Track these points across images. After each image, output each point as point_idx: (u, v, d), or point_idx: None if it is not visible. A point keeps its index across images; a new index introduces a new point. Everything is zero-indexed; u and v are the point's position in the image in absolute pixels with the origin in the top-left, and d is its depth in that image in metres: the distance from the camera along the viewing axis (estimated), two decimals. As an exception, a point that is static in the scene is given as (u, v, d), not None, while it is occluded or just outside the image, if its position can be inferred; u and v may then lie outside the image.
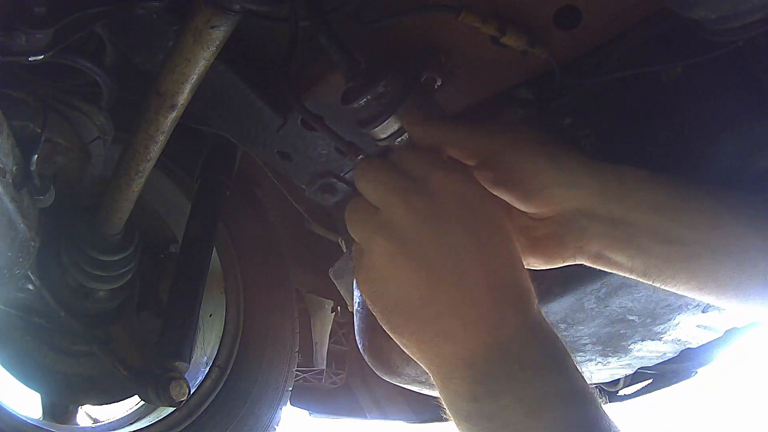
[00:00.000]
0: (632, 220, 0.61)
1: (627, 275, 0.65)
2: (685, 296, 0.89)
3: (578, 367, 0.53)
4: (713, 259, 0.60)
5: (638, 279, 0.64)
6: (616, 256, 0.63)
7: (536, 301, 0.56)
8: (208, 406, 1.35)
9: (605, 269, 0.66)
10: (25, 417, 1.18)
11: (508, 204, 0.65)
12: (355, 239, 0.61)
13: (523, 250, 0.67)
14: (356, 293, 1.19)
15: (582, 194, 0.62)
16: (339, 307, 2.02)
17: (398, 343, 0.58)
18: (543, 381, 0.51)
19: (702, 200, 0.61)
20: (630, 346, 1.06)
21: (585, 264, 0.66)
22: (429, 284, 0.54)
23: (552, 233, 0.65)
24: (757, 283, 0.60)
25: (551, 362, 0.52)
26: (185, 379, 1.19)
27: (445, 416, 0.58)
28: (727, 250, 0.60)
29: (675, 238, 0.60)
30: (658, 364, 1.16)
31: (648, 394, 1.49)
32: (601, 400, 0.52)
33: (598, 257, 0.64)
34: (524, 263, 0.64)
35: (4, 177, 0.79)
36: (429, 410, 1.76)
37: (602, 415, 0.51)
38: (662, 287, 0.64)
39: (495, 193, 0.64)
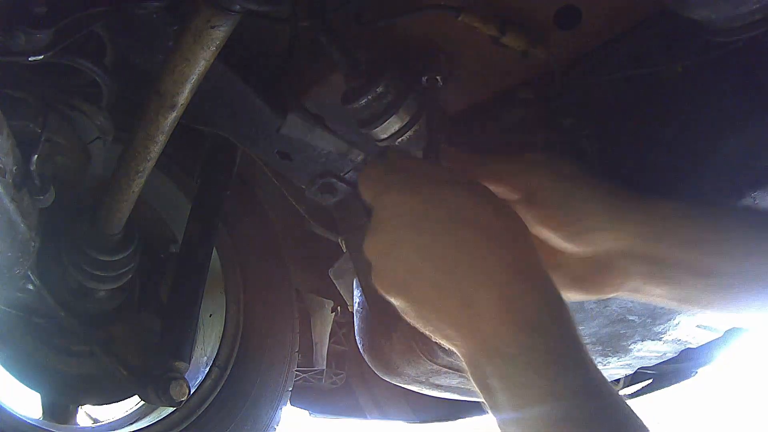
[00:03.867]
0: (671, 257, 0.62)
1: (665, 304, 0.67)
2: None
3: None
4: (746, 289, 0.62)
5: (675, 307, 0.66)
6: (655, 291, 0.65)
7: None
8: (208, 406, 1.35)
9: (642, 300, 0.67)
10: (25, 417, 1.18)
11: (542, 241, 0.66)
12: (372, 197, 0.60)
13: (562, 287, 0.66)
14: (356, 293, 1.19)
15: (623, 236, 0.63)
16: (339, 307, 2.02)
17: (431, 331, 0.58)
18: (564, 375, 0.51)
19: (734, 231, 0.63)
20: (630, 346, 1.06)
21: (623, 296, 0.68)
22: (456, 272, 0.54)
23: (592, 272, 0.66)
24: None
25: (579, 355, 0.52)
26: (185, 379, 1.19)
27: (445, 417, 0.58)
28: (759, 278, 0.61)
29: (709, 271, 0.62)
30: (658, 364, 1.17)
31: (648, 394, 1.49)
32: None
33: (637, 291, 0.66)
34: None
35: (4, 177, 0.79)
36: (429, 410, 1.76)
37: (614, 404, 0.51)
38: (699, 311, 0.66)
39: (535, 233, 0.65)
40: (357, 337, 1.16)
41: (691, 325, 1.00)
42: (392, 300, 0.59)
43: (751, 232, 0.62)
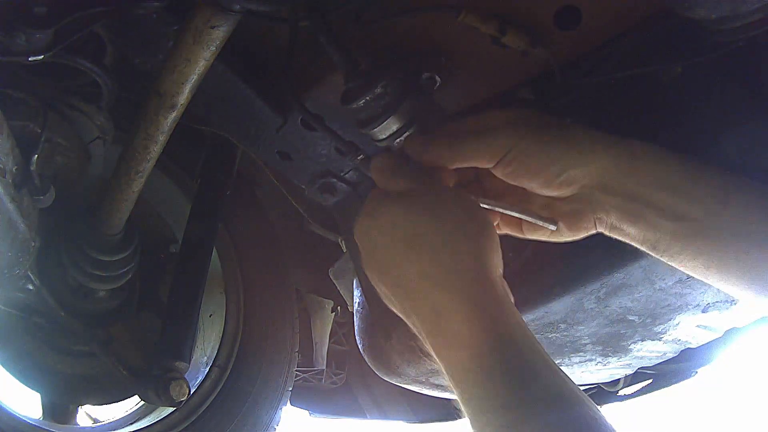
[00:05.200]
0: (642, 194, 0.64)
1: (639, 246, 0.67)
2: (685, 296, 0.89)
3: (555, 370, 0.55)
4: (719, 238, 0.62)
5: (649, 252, 0.67)
6: (629, 228, 0.66)
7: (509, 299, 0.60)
8: (208, 406, 1.35)
9: (620, 239, 0.69)
10: (25, 417, 1.18)
11: (526, 191, 0.69)
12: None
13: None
14: (356, 293, 1.19)
15: (596, 171, 0.65)
16: (339, 307, 2.02)
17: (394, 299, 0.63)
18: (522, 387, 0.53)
19: (711, 178, 0.63)
20: (630, 346, 1.06)
21: (604, 233, 0.70)
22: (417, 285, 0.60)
23: (573, 209, 0.68)
24: (763, 268, 0.61)
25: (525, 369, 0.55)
26: (185, 379, 1.19)
27: (445, 417, 0.59)
28: (733, 229, 0.61)
29: (683, 214, 0.62)
30: (658, 364, 1.16)
31: (648, 394, 1.49)
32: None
33: (614, 228, 0.68)
34: (555, 238, 0.72)
35: (4, 177, 0.79)
36: (429, 410, 1.76)
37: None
38: (671, 263, 0.66)
39: (516, 184, 0.68)
40: (357, 337, 1.16)
41: (691, 325, 1.00)
42: (378, 287, 0.65)
43: (729, 187, 0.62)
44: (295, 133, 0.99)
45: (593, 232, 0.70)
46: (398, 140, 0.74)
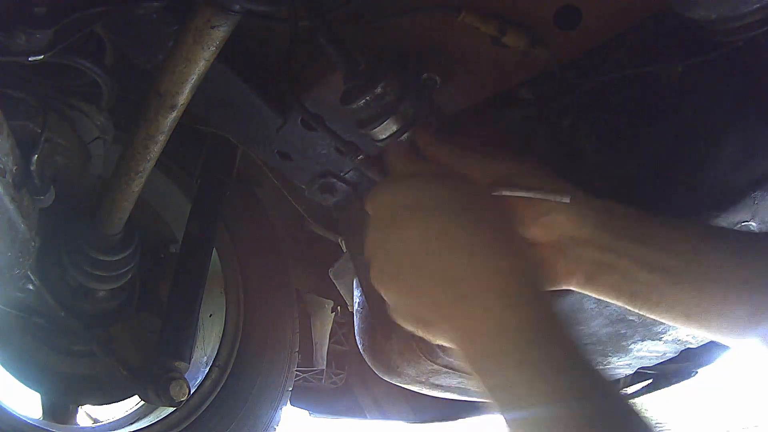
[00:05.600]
0: (618, 248, 0.64)
1: (614, 301, 0.68)
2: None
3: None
4: (695, 287, 0.63)
5: (626, 306, 0.67)
6: (604, 281, 0.67)
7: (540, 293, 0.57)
8: (208, 406, 1.35)
9: (593, 294, 0.69)
10: (25, 417, 1.18)
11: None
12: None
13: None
14: (356, 293, 1.19)
15: (577, 223, 0.65)
16: (339, 307, 2.02)
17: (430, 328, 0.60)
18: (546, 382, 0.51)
19: (684, 231, 0.65)
20: (630, 346, 1.06)
21: (574, 289, 0.69)
22: (458, 263, 0.57)
23: (545, 258, 0.68)
24: (742, 313, 0.61)
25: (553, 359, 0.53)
26: (185, 379, 1.19)
27: (445, 417, 0.59)
28: (709, 277, 0.62)
29: (658, 266, 0.63)
30: (658, 364, 1.16)
31: (648, 394, 1.49)
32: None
33: (587, 282, 0.68)
34: None
35: (4, 177, 0.79)
36: (429, 410, 1.76)
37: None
38: (651, 315, 0.67)
39: None
40: (357, 337, 1.16)
41: (691, 325, 1.00)
42: (388, 296, 0.62)
43: (703, 238, 0.64)
44: (295, 133, 0.99)
45: (562, 286, 0.69)
46: (398, 140, 0.74)
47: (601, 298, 0.68)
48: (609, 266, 0.65)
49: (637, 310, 0.67)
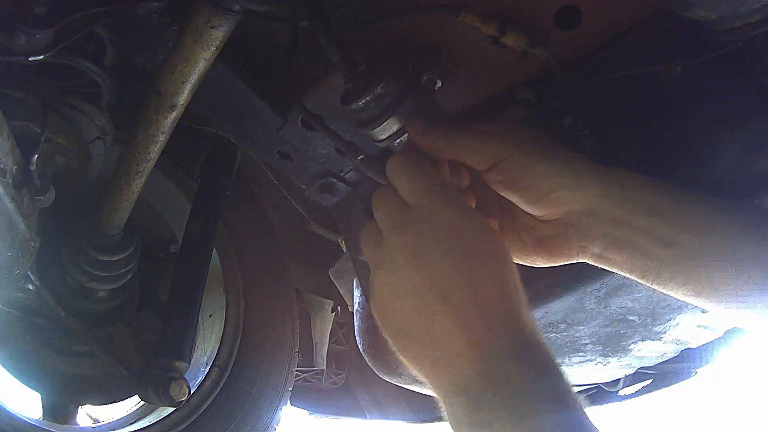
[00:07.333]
0: (631, 221, 0.63)
1: (627, 275, 0.66)
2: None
3: (567, 382, 0.53)
4: (709, 263, 0.62)
5: (638, 280, 0.66)
6: (616, 256, 0.65)
7: (527, 313, 0.57)
8: (208, 406, 1.35)
9: (607, 268, 0.68)
10: (25, 417, 1.18)
11: (513, 205, 0.68)
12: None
13: (529, 249, 0.71)
14: (356, 293, 1.19)
15: (586, 197, 0.64)
16: (339, 307, 2.02)
17: (407, 365, 0.61)
18: (533, 406, 0.51)
19: (698, 205, 0.63)
20: (630, 346, 1.06)
21: (587, 262, 0.68)
22: (423, 313, 0.57)
23: (557, 234, 0.67)
24: (754, 290, 0.61)
25: (540, 384, 0.52)
26: (185, 379, 1.19)
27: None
28: (722, 254, 0.61)
29: (671, 240, 0.62)
30: (658, 364, 1.16)
31: (648, 394, 1.49)
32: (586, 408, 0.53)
33: (599, 257, 0.67)
34: (530, 261, 0.69)
35: (4, 177, 0.79)
36: (429, 410, 1.75)
37: None
38: (662, 290, 0.65)
39: (504, 195, 0.67)
40: (357, 337, 1.16)
41: (691, 325, 1.00)
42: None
43: (717, 213, 0.62)
44: (295, 133, 0.99)
45: (573, 260, 0.69)
46: (398, 141, 0.74)
47: (613, 270, 0.67)
48: (621, 241, 0.64)
49: (649, 285, 0.65)
